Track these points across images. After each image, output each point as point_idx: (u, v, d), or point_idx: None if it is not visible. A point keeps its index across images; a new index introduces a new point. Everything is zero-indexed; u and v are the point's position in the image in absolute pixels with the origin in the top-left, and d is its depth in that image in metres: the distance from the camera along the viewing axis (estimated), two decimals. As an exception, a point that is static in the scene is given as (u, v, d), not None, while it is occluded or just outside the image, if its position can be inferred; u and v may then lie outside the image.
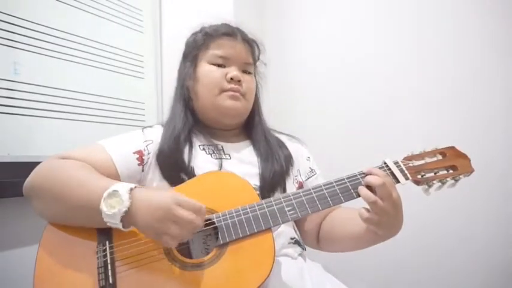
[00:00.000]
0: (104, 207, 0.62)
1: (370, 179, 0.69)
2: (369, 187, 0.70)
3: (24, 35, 1.01)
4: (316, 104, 1.57)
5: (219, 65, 0.88)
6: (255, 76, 0.95)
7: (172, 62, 1.46)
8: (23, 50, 1.01)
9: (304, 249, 0.86)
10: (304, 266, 0.80)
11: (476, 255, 1.26)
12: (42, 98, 1.05)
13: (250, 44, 0.93)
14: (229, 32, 0.89)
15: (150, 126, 0.91)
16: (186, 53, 0.94)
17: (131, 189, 0.64)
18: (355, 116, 1.48)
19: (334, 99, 1.53)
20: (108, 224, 0.63)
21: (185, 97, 0.90)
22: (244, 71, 0.90)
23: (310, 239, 0.90)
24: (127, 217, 0.62)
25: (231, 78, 0.86)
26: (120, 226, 0.62)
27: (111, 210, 0.62)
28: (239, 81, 0.86)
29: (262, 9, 1.70)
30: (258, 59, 0.96)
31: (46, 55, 1.07)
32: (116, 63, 1.29)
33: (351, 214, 0.81)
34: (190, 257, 0.70)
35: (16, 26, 0.99)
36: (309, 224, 0.90)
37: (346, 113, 1.50)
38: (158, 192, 0.66)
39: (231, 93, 0.86)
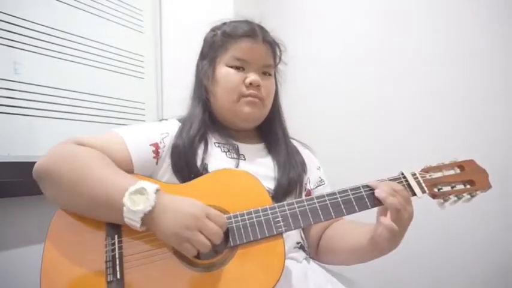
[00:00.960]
0: (128, 201, 0.61)
1: (383, 188, 0.69)
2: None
3: (24, 35, 1.01)
4: (317, 105, 1.57)
5: (238, 68, 0.86)
6: (275, 77, 0.93)
7: (172, 62, 1.47)
8: (23, 50, 1.01)
9: (308, 254, 0.86)
10: (308, 269, 0.80)
11: (476, 254, 1.26)
12: (42, 98, 1.05)
13: (271, 45, 0.90)
14: (249, 33, 0.86)
15: (166, 119, 0.90)
16: (204, 51, 0.92)
17: (157, 190, 0.64)
18: (357, 117, 1.48)
19: (336, 99, 1.53)
20: (125, 219, 0.62)
21: (203, 97, 0.89)
22: (264, 73, 0.88)
23: (311, 248, 0.90)
24: (148, 217, 0.62)
25: (250, 84, 0.84)
26: (137, 225, 0.62)
27: (136, 207, 0.61)
28: (258, 86, 0.84)
29: (262, 9, 1.69)
30: (280, 59, 0.93)
31: (46, 55, 1.06)
32: (116, 63, 1.29)
33: (352, 225, 0.81)
34: (199, 257, 0.70)
35: (16, 26, 0.99)
36: (312, 235, 0.90)
37: (348, 114, 1.50)
38: (187, 200, 0.65)
39: (249, 99, 0.84)
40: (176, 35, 1.46)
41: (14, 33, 0.99)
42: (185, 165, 0.80)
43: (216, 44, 0.89)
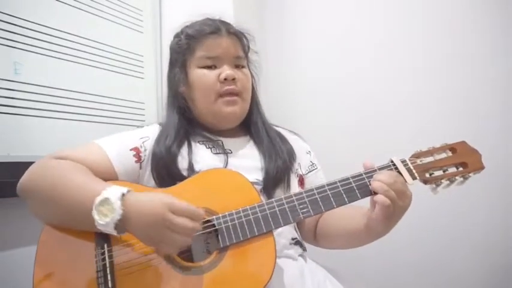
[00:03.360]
0: (96, 215, 0.60)
1: (381, 176, 0.68)
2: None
3: (24, 35, 1.01)
4: (317, 104, 1.57)
5: (210, 66, 0.85)
6: (249, 68, 0.92)
7: (172, 62, 1.46)
8: (23, 50, 1.01)
9: (304, 249, 0.85)
10: (305, 267, 0.79)
11: (475, 253, 1.26)
12: (42, 98, 1.05)
13: (237, 35, 0.89)
14: (212, 29, 0.86)
15: (147, 125, 0.90)
16: (173, 59, 0.92)
17: (123, 195, 0.62)
18: (357, 115, 1.48)
19: (336, 98, 1.53)
20: (103, 231, 0.62)
21: (180, 104, 0.88)
22: (237, 66, 0.87)
23: (308, 235, 0.90)
24: (121, 224, 0.61)
25: (225, 79, 0.83)
26: (114, 233, 0.61)
27: (104, 219, 0.60)
28: (234, 79, 0.84)
29: (262, 9, 1.69)
30: (249, 49, 0.93)
31: (46, 55, 1.06)
32: (116, 63, 1.29)
33: (347, 210, 0.80)
34: (192, 258, 0.69)
35: (16, 26, 0.99)
36: (308, 221, 0.90)
37: (348, 113, 1.50)
38: (150, 197, 0.64)
39: (227, 98, 0.84)
40: (175, 32, 1.46)
41: (14, 33, 0.99)
42: (166, 174, 0.79)
43: (182, 48, 0.88)
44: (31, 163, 0.74)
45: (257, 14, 1.68)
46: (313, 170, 0.94)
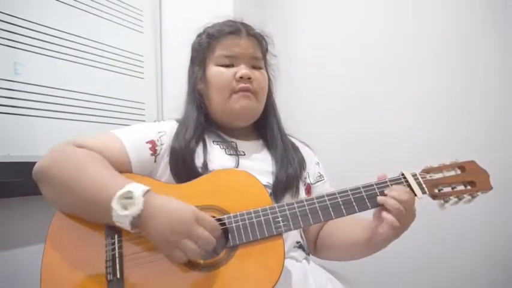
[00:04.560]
0: (115, 206, 0.61)
1: (395, 194, 0.69)
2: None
3: (24, 35, 1.01)
4: (319, 106, 1.56)
5: (227, 66, 0.86)
6: (266, 70, 0.93)
7: (172, 62, 1.47)
8: (23, 50, 1.01)
9: (308, 254, 0.86)
10: (308, 269, 0.79)
11: (476, 254, 1.26)
12: (42, 98, 1.05)
13: (257, 37, 0.90)
14: (232, 29, 0.87)
15: (164, 120, 0.91)
16: (193, 56, 0.93)
17: (145, 192, 0.63)
18: (360, 118, 1.47)
19: (338, 100, 1.52)
20: (116, 223, 0.62)
21: (198, 100, 0.89)
22: (254, 67, 0.88)
23: (309, 245, 0.90)
24: (137, 221, 0.62)
25: (241, 77, 0.84)
26: (128, 228, 0.62)
27: (123, 212, 0.61)
28: (249, 78, 0.84)
29: (262, 9, 1.69)
30: (267, 51, 0.94)
31: (46, 55, 1.06)
32: (116, 63, 1.29)
33: (349, 221, 0.80)
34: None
35: (16, 26, 0.99)
36: (310, 233, 0.90)
37: (350, 115, 1.49)
38: (177, 203, 0.64)
39: (241, 93, 0.84)
40: (176, 35, 1.46)
41: (14, 33, 0.99)
42: (183, 168, 0.80)
43: (203, 47, 0.89)
44: (31, 163, 0.74)
45: (257, 14, 1.67)
46: (321, 180, 0.95)
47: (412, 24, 1.40)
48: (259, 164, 0.85)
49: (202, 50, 0.89)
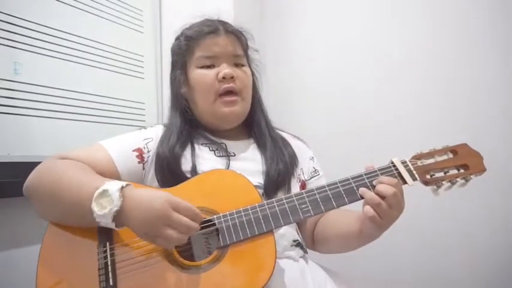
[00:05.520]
0: (95, 207, 0.61)
1: (381, 188, 0.68)
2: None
3: (24, 35, 1.01)
4: (318, 104, 1.56)
5: (209, 66, 0.85)
6: (250, 66, 0.92)
7: (172, 62, 1.46)
8: (23, 50, 1.01)
9: (306, 252, 0.85)
10: (306, 268, 0.79)
11: (476, 252, 1.26)
12: (42, 98, 1.05)
13: (236, 34, 0.89)
14: (210, 29, 0.86)
15: (151, 126, 0.90)
16: (174, 61, 0.92)
17: (122, 188, 0.63)
18: (358, 115, 1.47)
19: (336, 98, 1.53)
20: (101, 224, 0.62)
21: (182, 105, 0.88)
22: (236, 64, 0.87)
23: (307, 240, 0.90)
24: (119, 217, 0.62)
25: (223, 77, 0.82)
26: (112, 226, 0.62)
27: (102, 211, 0.61)
28: (232, 77, 0.83)
29: (262, 9, 1.69)
30: (248, 47, 0.92)
31: (46, 55, 1.06)
32: (116, 63, 1.29)
33: (343, 213, 0.81)
34: (193, 257, 0.70)
35: (16, 26, 0.99)
36: (308, 225, 0.90)
37: (349, 113, 1.49)
38: (152, 193, 0.64)
39: (226, 99, 0.83)
40: (176, 35, 1.46)
41: (14, 33, 0.99)
42: (169, 174, 0.79)
43: (182, 50, 0.88)
44: (31, 163, 0.74)
45: (257, 14, 1.68)
46: (316, 176, 0.94)
47: (412, 22, 1.40)
48: (250, 164, 0.84)
49: (182, 53, 0.88)
